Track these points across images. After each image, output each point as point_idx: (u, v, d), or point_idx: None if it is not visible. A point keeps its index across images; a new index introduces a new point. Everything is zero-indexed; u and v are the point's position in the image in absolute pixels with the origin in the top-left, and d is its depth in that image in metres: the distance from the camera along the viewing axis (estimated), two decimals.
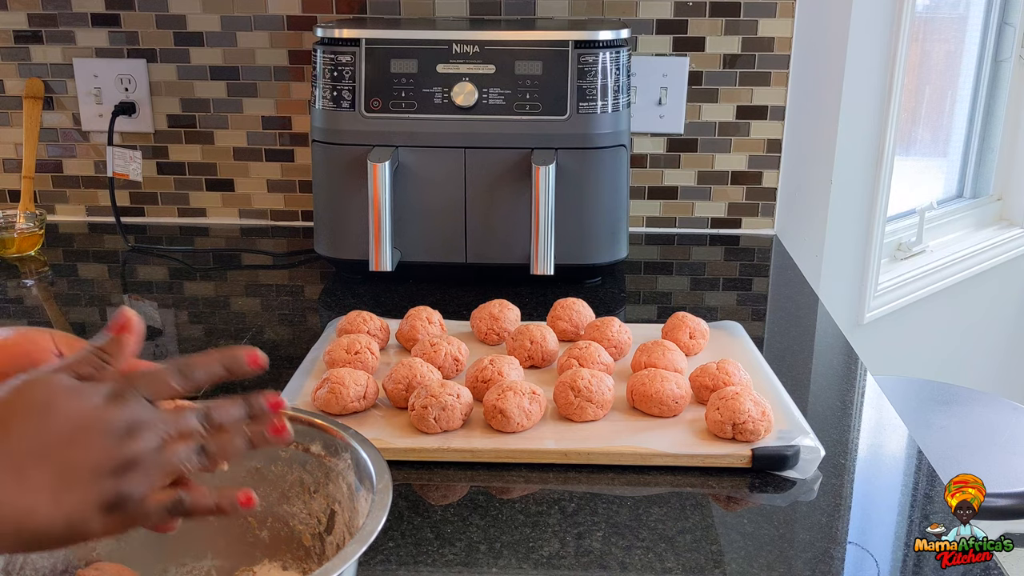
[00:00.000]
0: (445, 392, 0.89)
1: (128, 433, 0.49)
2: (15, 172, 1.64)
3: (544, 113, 1.28)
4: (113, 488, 0.48)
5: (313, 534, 0.69)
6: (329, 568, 0.52)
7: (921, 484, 0.88)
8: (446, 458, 0.87)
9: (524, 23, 1.49)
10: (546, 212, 1.25)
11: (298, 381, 0.99)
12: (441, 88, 1.28)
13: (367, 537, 0.55)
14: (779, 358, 1.11)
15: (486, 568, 0.73)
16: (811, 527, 0.79)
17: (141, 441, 0.49)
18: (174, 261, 1.50)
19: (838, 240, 1.74)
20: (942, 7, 2.24)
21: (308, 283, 1.40)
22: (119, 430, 0.49)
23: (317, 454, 0.68)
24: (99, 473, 0.48)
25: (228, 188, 1.65)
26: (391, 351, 1.10)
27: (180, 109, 1.61)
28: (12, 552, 0.50)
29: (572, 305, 1.13)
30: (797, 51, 1.55)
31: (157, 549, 0.70)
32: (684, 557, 0.74)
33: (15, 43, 1.59)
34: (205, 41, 1.57)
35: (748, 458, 0.86)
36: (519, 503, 0.82)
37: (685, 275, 1.47)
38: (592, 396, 0.91)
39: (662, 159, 1.61)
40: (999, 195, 2.39)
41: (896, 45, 1.70)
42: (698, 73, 1.56)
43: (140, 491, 0.49)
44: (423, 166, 1.30)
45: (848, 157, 1.69)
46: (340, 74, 1.29)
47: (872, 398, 1.03)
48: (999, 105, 2.29)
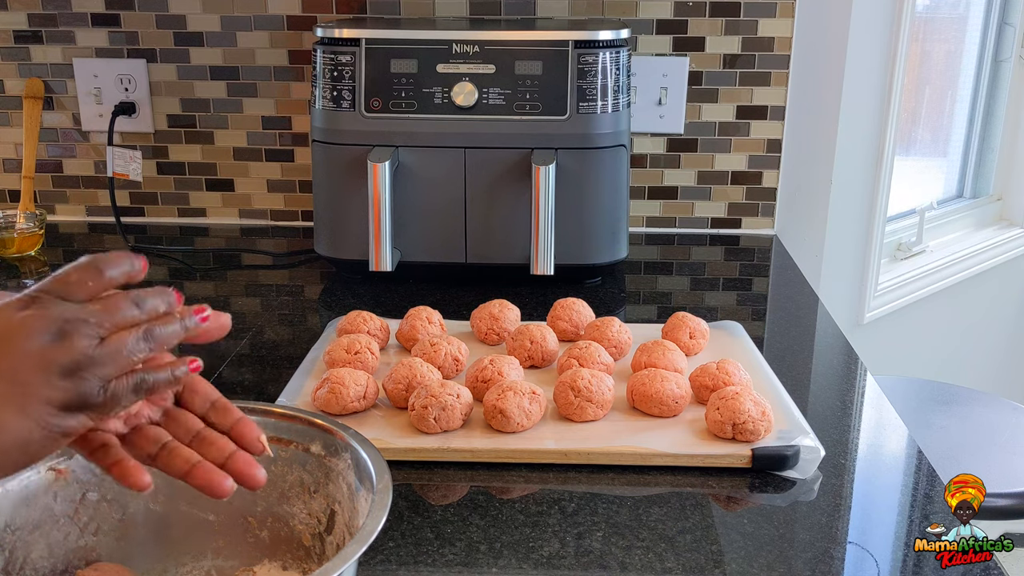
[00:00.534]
0: (445, 392, 0.89)
1: (58, 333, 0.50)
2: (15, 172, 1.64)
3: (544, 113, 1.28)
4: (72, 387, 0.50)
5: (313, 534, 0.69)
6: (329, 568, 0.52)
7: (921, 484, 0.88)
8: (446, 458, 0.87)
9: (524, 23, 1.49)
10: (546, 212, 1.25)
11: (298, 381, 0.99)
12: (441, 88, 1.28)
13: (367, 537, 0.55)
14: (779, 358, 1.11)
15: (486, 568, 0.73)
16: (811, 527, 0.79)
17: (79, 339, 0.50)
18: (174, 261, 1.50)
19: (838, 240, 1.74)
20: (942, 7, 2.24)
21: (308, 283, 1.40)
22: (45, 332, 0.50)
23: (317, 454, 0.68)
24: (48, 375, 0.49)
25: (228, 188, 1.65)
26: (391, 351, 1.10)
27: (180, 109, 1.61)
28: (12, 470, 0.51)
29: (572, 305, 1.13)
30: (797, 51, 1.55)
31: (157, 549, 0.70)
32: (684, 557, 0.74)
33: (15, 43, 1.59)
34: (205, 41, 1.57)
35: (748, 458, 0.86)
36: (519, 503, 0.82)
37: (685, 275, 1.47)
38: (592, 396, 0.91)
39: (662, 159, 1.61)
40: (999, 195, 2.39)
41: (896, 45, 1.70)
42: (698, 73, 1.56)
43: (96, 386, 0.50)
44: (423, 166, 1.30)
45: (848, 157, 1.69)
46: (340, 74, 1.29)
47: (872, 398, 1.03)
48: (999, 105, 2.29)
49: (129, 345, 0.52)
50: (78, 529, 0.67)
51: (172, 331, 0.54)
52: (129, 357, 0.52)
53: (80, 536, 0.68)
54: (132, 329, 0.52)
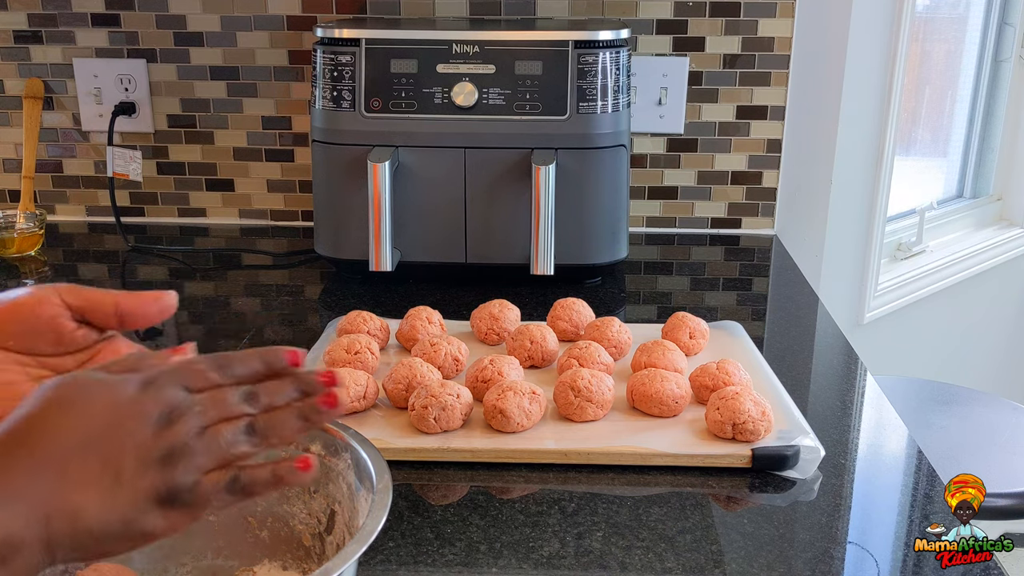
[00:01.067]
0: (445, 392, 0.89)
1: (166, 420, 0.48)
2: (15, 172, 1.64)
3: (544, 113, 1.28)
4: (161, 479, 0.47)
5: (313, 534, 0.69)
6: (329, 568, 0.52)
7: (921, 484, 0.88)
8: (446, 458, 0.87)
9: (524, 23, 1.49)
10: (546, 212, 1.25)
11: None
12: (441, 88, 1.28)
13: (367, 537, 0.55)
14: (779, 358, 1.11)
15: (486, 568, 0.73)
16: (811, 527, 0.79)
17: (181, 426, 0.48)
18: (174, 261, 1.50)
19: (838, 240, 1.74)
20: (942, 7, 2.24)
21: (308, 283, 1.41)
22: (155, 417, 0.47)
23: (317, 454, 0.68)
24: (143, 464, 0.47)
25: (228, 188, 1.65)
26: (391, 351, 1.10)
27: (180, 109, 1.61)
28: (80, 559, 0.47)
29: (572, 305, 1.13)
30: (797, 51, 1.55)
31: (157, 549, 0.70)
32: (684, 557, 0.74)
33: (15, 43, 1.59)
34: (205, 41, 1.57)
35: (748, 458, 0.86)
36: (519, 503, 0.82)
37: (685, 275, 1.47)
38: (592, 396, 0.91)
39: (662, 159, 1.61)
40: (999, 195, 2.39)
41: (896, 45, 1.70)
42: (698, 73, 1.56)
43: (189, 479, 0.47)
44: (423, 166, 1.30)
45: (848, 157, 1.69)
46: (340, 74, 1.29)
47: (872, 398, 1.03)
48: (999, 105, 2.29)
49: (227, 436, 0.49)
50: None
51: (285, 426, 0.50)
52: (227, 450, 0.49)
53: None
54: (236, 420, 0.49)
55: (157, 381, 0.49)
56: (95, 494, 0.46)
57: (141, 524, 0.47)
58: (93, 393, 0.48)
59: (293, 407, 0.51)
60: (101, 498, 0.46)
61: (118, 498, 0.46)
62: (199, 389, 0.50)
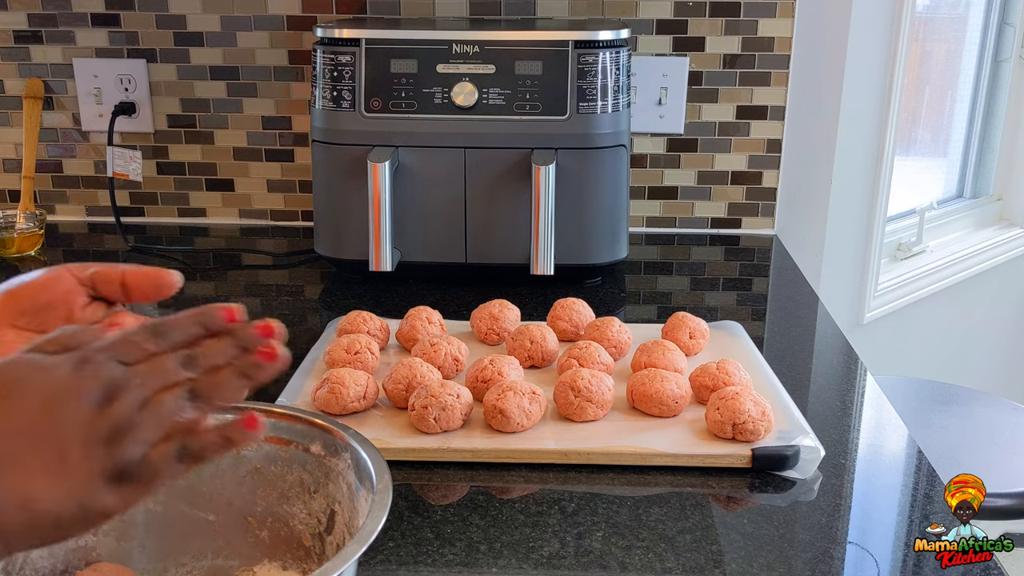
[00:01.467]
0: (445, 392, 0.89)
1: (106, 397, 0.47)
2: (15, 172, 1.64)
3: (544, 113, 1.28)
4: (109, 457, 0.46)
5: (313, 534, 0.69)
6: (329, 568, 0.52)
7: (921, 484, 0.88)
8: (446, 458, 0.87)
9: (524, 23, 1.49)
10: (546, 212, 1.25)
11: (298, 381, 0.99)
12: (441, 88, 1.28)
13: (367, 537, 0.55)
14: (779, 358, 1.11)
15: (486, 568, 0.73)
16: (811, 527, 0.79)
17: (122, 402, 0.47)
18: (174, 261, 1.50)
19: (838, 240, 1.74)
20: (942, 7, 2.24)
21: (308, 283, 1.41)
22: (95, 395, 0.47)
23: (317, 454, 0.68)
24: (89, 444, 0.46)
25: (228, 188, 1.65)
26: (391, 351, 1.10)
27: (180, 109, 1.61)
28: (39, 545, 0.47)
29: (572, 305, 1.13)
30: (797, 51, 1.55)
31: (157, 549, 0.70)
32: (684, 557, 0.74)
33: (15, 43, 1.59)
34: (205, 41, 1.57)
35: (748, 458, 0.86)
36: (519, 503, 0.82)
37: (685, 275, 1.47)
38: (592, 396, 0.91)
39: (662, 159, 1.61)
40: (999, 195, 2.39)
41: (896, 45, 1.70)
42: (698, 73, 1.56)
43: (137, 453, 0.47)
44: (423, 166, 1.30)
45: (848, 157, 1.69)
46: (340, 74, 1.29)
47: (872, 398, 1.03)
48: (999, 105, 2.29)
49: (169, 405, 0.48)
50: None
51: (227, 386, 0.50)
52: (171, 418, 0.48)
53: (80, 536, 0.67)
54: (176, 387, 0.48)
55: (92, 358, 0.48)
56: (45, 481, 0.45)
57: (96, 504, 0.47)
58: (28, 378, 0.47)
59: (233, 366, 0.50)
60: (51, 484, 0.45)
61: (68, 482, 0.46)
62: (136, 361, 0.49)
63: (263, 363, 0.50)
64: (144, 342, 0.49)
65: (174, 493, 0.69)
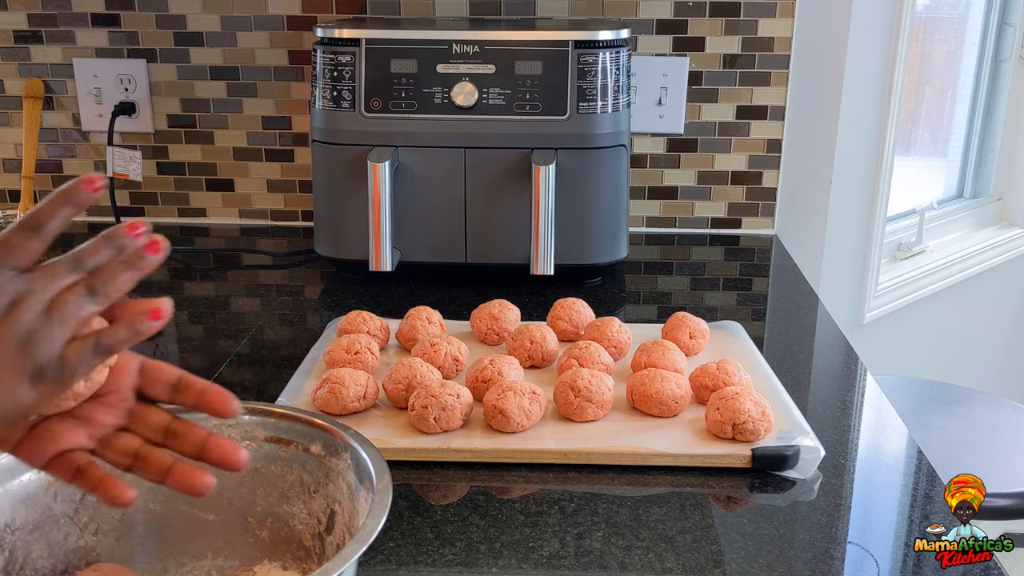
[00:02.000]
0: (445, 392, 0.89)
1: (7, 306, 0.49)
2: (15, 172, 1.64)
3: (544, 113, 1.28)
4: (25, 359, 0.49)
5: (313, 534, 0.69)
6: (329, 568, 0.52)
7: (921, 484, 0.88)
8: (446, 458, 0.87)
9: (524, 23, 1.49)
10: (546, 212, 1.25)
11: (298, 381, 0.99)
12: (441, 88, 1.28)
13: (367, 537, 0.55)
14: (779, 358, 1.11)
15: (486, 568, 0.73)
16: (811, 527, 0.79)
17: (26, 307, 0.49)
18: (174, 261, 1.50)
19: (838, 240, 1.74)
20: (942, 7, 2.24)
21: (308, 283, 1.41)
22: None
23: (317, 454, 0.68)
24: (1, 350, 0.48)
25: (228, 188, 1.65)
26: (391, 351, 1.10)
27: (180, 109, 1.61)
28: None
29: (572, 305, 1.13)
30: (797, 51, 1.55)
31: (157, 549, 0.70)
32: (684, 557, 0.74)
33: (15, 43, 1.59)
34: (205, 41, 1.57)
35: (748, 458, 0.86)
36: (519, 503, 0.82)
37: (685, 275, 1.47)
38: (592, 396, 0.91)
39: (662, 159, 1.61)
40: (999, 195, 2.39)
41: (896, 45, 1.70)
42: (698, 73, 1.56)
43: (51, 352, 0.49)
44: (423, 166, 1.30)
45: (848, 157, 1.69)
46: (340, 74, 1.29)
47: (872, 398, 1.03)
48: (999, 105, 2.29)
49: (72, 304, 0.50)
50: (78, 529, 0.68)
51: (120, 279, 0.52)
52: (76, 315, 0.50)
53: (80, 536, 0.68)
54: (74, 287, 0.51)
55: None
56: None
57: (18, 403, 0.50)
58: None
59: (119, 261, 0.52)
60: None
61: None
62: (26, 265, 0.51)
63: (147, 254, 0.53)
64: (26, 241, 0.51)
65: (174, 493, 0.69)
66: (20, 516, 0.65)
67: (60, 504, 0.67)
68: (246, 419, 0.69)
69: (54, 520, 0.66)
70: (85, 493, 0.56)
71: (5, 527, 0.64)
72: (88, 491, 0.54)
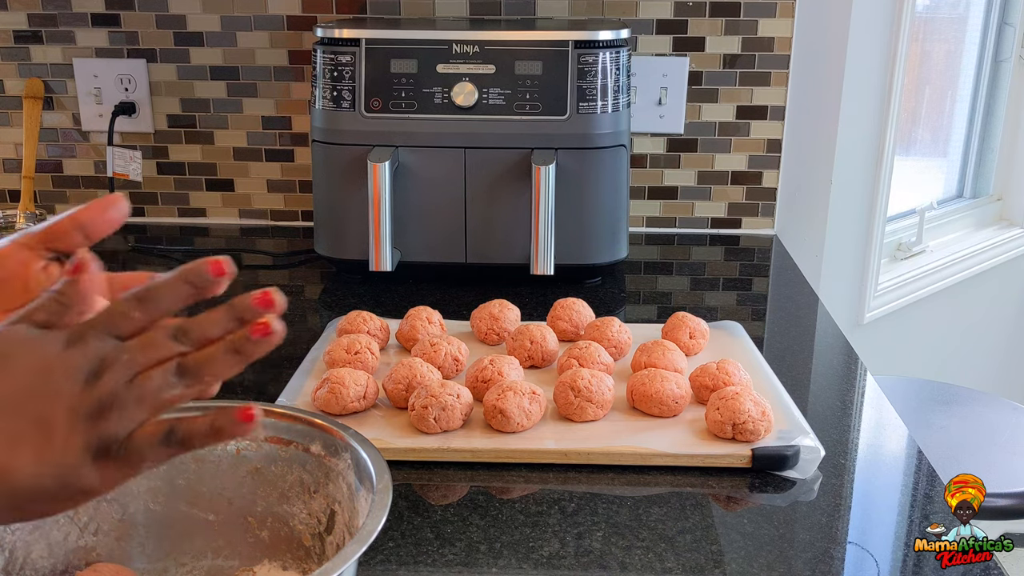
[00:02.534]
0: (445, 392, 0.89)
1: (94, 372, 0.46)
2: (15, 172, 1.64)
3: (544, 113, 1.28)
4: (93, 432, 0.46)
5: (313, 534, 0.69)
6: (329, 568, 0.52)
7: (921, 484, 0.88)
8: (446, 458, 0.87)
9: (524, 23, 1.49)
10: (546, 212, 1.25)
11: (298, 381, 0.99)
12: (441, 88, 1.28)
13: (367, 537, 0.55)
14: (779, 358, 1.11)
15: (486, 568, 0.73)
16: (811, 527, 0.79)
17: (110, 377, 0.46)
18: (174, 261, 1.50)
19: (838, 240, 1.74)
20: (942, 7, 2.24)
21: (308, 283, 1.41)
22: (83, 371, 0.46)
23: (317, 454, 0.68)
24: (75, 419, 0.45)
25: (228, 188, 1.65)
26: (391, 351, 1.10)
27: (180, 109, 1.61)
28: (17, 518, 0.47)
29: (572, 305, 1.13)
30: (797, 51, 1.55)
31: (157, 549, 0.70)
32: (684, 557, 0.74)
33: (15, 43, 1.59)
34: (205, 41, 1.57)
35: (748, 458, 0.86)
36: (519, 503, 0.82)
37: (685, 275, 1.47)
38: (592, 396, 0.91)
39: (662, 159, 1.61)
40: (999, 195, 2.39)
41: (896, 45, 1.70)
42: (698, 73, 1.56)
43: (122, 430, 0.46)
44: (423, 166, 1.30)
45: (848, 157, 1.69)
46: (340, 74, 1.29)
47: (872, 398, 1.03)
48: (999, 105, 2.29)
49: (156, 381, 0.46)
50: (78, 529, 0.67)
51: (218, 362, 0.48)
52: (158, 395, 0.46)
53: (80, 536, 0.68)
54: (166, 363, 0.47)
55: (83, 335, 0.47)
56: (26, 453, 0.45)
57: (76, 481, 0.46)
58: (18, 351, 0.46)
59: (224, 341, 0.48)
60: (33, 456, 0.45)
61: (50, 455, 0.45)
62: (128, 334, 0.47)
63: (256, 338, 0.48)
64: (132, 311, 0.47)
65: (174, 493, 0.69)
66: None
67: None
68: None
69: (54, 520, 0.66)
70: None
71: (5, 527, 0.64)
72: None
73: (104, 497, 0.67)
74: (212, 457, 0.69)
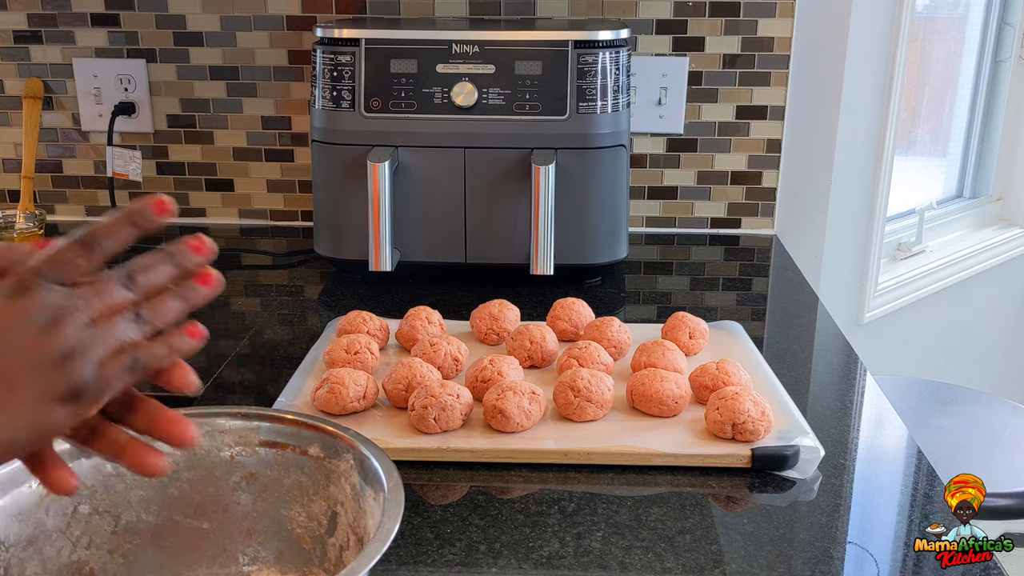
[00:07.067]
0: (445, 392, 0.89)
1: (50, 322, 0.47)
2: (15, 172, 1.64)
3: (544, 113, 1.28)
4: (62, 379, 0.47)
5: (313, 536, 0.69)
6: (355, 567, 0.52)
7: (921, 484, 0.88)
8: (446, 458, 0.87)
9: (524, 23, 1.49)
10: (546, 212, 1.25)
11: (298, 381, 0.99)
12: (441, 88, 1.28)
13: (387, 535, 0.55)
14: (779, 358, 1.11)
15: (486, 568, 0.73)
16: (811, 527, 0.79)
17: (68, 326, 0.47)
18: None
19: (838, 240, 1.74)
20: (942, 7, 2.24)
21: (308, 283, 1.40)
22: (37, 321, 0.46)
23: (315, 456, 0.68)
24: (38, 369, 0.46)
25: (228, 188, 1.65)
26: (391, 351, 1.10)
27: (180, 109, 1.61)
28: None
29: (572, 305, 1.13)
30: (797, 51, 1.55)
31: (151, 560, 0.70)
32: (684, 557, 0.74)
33: (15, 43, 1.59)
34: (205, 41, 1.57)
35: (748, 458, 0.86)
36: (519, 503, 0.82)
37: (685, 275, 1.47)
38: (592, 396, 0.91)
39: (662, 159, 1.61)
40: (999, 195, 2.39)
41: (896, 45, 1.70)
42: (698, 73, 1.56)
43: (88, 374, 0.48)
44: (423, 166, 1.30)
45: (848, 157, 1.69)
46: (340, 74, 1.29)
47: (872, 398, 1.03)
48: (999, 105, 2.29)
49: (117, 328, 0.48)
50: (71, 544, 0.66)
51: (168, 308, 0.51)
52: (119, 339, 0.49)
53: (73, 551, 0.66)
54: (123, 311, 0.49)
55: (28, 283, 0.47)
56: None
57: (47, 424, 0.48)
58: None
59: (171, 290, 0.52)
60: (2, 412, 0.46)
61: (18, 408, 0.46)
62: (73, 281, 0.48)
63: (200, 287, 0.53)
64: (76, 257, 0.49)
65: (167, 503, 0.69)
66: (13, 532, 0.64)
67: (52, 518, 0.65)
68: (239, 424, 0.69)
69: (47, 535, 0.65)
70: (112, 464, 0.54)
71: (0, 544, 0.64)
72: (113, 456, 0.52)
73: (96, 509, 0.67)
74: (205, 465, 0.69)
